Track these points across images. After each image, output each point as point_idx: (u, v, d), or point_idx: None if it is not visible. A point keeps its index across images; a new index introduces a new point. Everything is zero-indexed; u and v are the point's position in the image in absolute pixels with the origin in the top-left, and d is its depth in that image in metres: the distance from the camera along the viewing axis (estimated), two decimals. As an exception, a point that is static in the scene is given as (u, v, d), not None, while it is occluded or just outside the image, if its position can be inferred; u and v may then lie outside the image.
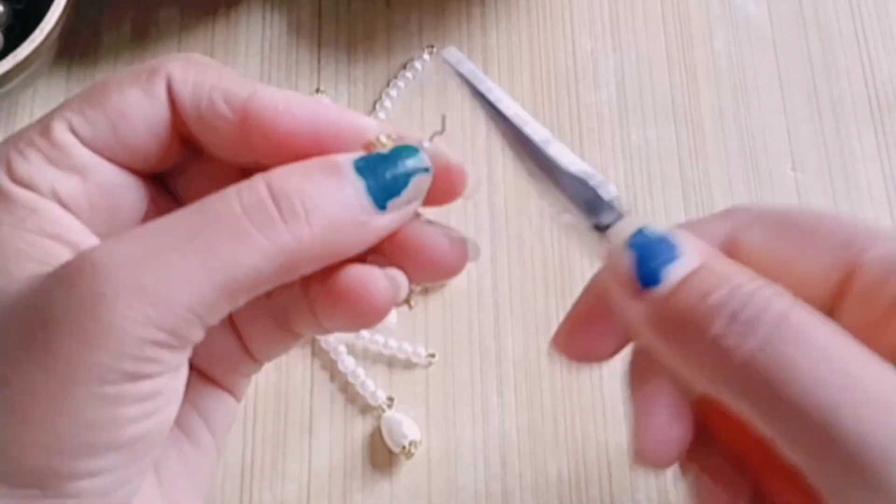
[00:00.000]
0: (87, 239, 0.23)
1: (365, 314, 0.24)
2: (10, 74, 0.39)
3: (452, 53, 0.25)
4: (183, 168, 0.26)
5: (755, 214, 0.24)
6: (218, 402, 0.27)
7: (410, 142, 0.24)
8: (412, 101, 0.46)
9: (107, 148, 0.24)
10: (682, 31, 0.48)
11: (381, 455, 0.40)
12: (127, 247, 0.21)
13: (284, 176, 0.22)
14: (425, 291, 0.42)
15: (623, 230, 0.22)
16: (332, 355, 0.41)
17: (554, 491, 0.39)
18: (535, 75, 0.47)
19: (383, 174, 0.23)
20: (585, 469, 0.40)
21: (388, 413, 0.40)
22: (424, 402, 0.41)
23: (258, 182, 0.22)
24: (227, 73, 0.24)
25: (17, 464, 0.21)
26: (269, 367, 0.41)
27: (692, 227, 0.24)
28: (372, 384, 0.40)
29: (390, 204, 0.23)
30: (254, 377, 0.40)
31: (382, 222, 0.23)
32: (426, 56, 0.47)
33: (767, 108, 0.46)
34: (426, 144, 0.24)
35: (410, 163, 0.24)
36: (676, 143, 0.45)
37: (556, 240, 0.43)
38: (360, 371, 0.40)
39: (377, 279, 0.24)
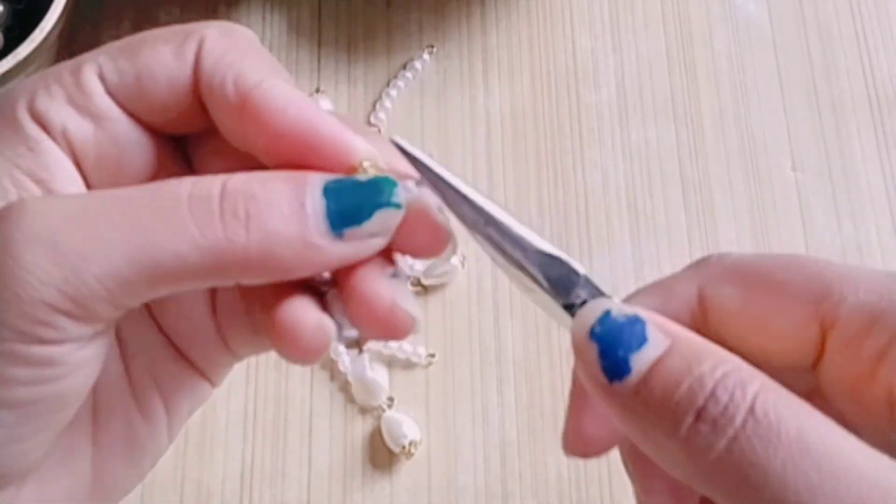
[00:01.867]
0: (73, 190, 0.23)
1: (294, 356, 0.23)
2: (10, 74, 0.39)
3: (401, 140, 0.24)
4: (204, 138, 0.25)
5: (724, 268, 0.23)
6: (185, 383, 0.26)
7: (395, 176, 0.23)
8: (412, 101, 0.46)
9: (128, 99, 0.24)
10: (682, 31, 0.48)
11: (381, 455, 0.40)
12: (64, 203, 0.21)
13: (245, 179, 0.22)
14: (425, 291, 0.42)
15: (587, 317, 0.21)
16: (332, 355, 0.41)
17: (554, 491, 0.39)
18: (535, 75, 0.47)
19: (349, 200, 0.22)
20: (585, 469, 0.40)
21: (388, 413, 0.40)
22: (424, 402, 0.41)
23: (216, 178, 0.22)
24: (255, 52, 0.24)
25: None
26: (269, 366, 0.41)
27: (662, 288, 0.23)
28: (372, 384, 0.40)
29: (348, 233, 0.22)
30: (254, 377, 0.40)
31: (336, 250, 0.22)
32: (426, 56, 0.47)
33: (767, 108, 0.46)
34: (411, 185, 0.23)
35: (382, 195, 0.22)
36: (676, 143, 0.45)
37: (555, 240, 0.43)
38: (360, 371, 0.40)
39: (306, 324, 0.23)
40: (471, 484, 0.39)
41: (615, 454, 0.28)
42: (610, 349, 0.20)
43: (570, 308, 0.23)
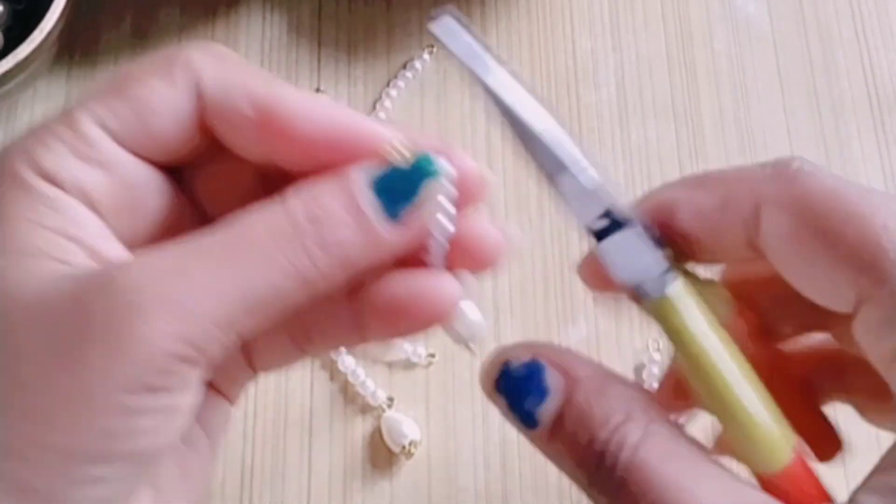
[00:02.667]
0: (108, 243, 0.23)
1: (434, 317, 0.24)
2: (9, 74, 0.39)
3: (444, 24, 0.24)
4: (200, 163, 0.26)
5: (790, 191, 0.22)
6: (214, 406, 0.27)
7: (427, 149, 0.24)
8: (412, 101, 0.46)
9: (133, 141, 0.24)
10: (682, 31, 0.48)
11: (381, 455, 0.40)
12: (161, 262, 0.22)
13: (302, 200, 0.22)
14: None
15: (490, 371, 0.23)
16: (332, 355, 0.41)
17: (554, 491, 0.39)
18: (535, 75, 0.47)
19: (397, 186, 0.23)
20: (585, 469, 0.40)
21: (388, 413, 0.40)
22: (424, 402, 0.41)
23: (275, 205, 0.22)
24: (248, 66, 0.24)
25: (32, 467, 0.21)
26: (269, 367, 0.41)
27: (723, 185, 0.23)
28: (372, 384, 0.40)
29: (404, 214, 0.23)
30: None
31: (400, 235, 0.23)
32: (426, 56, 0.47)
33: (767, 108, 0.46)
34: (443, 162, 0.24)
35: (424, 169, 0.23)
36: (676, 143, 0.45)
37: (556, 240, 0.43)
38: (360, 371, 0.40)
39: (445, 282, 0.24)
40: (471, 484, 0.39)
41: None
42: (515, 403, 0.22)
43: (595, 233, 0.24)
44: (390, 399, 0.40)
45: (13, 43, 0.40)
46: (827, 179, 0.22)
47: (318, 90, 0.46)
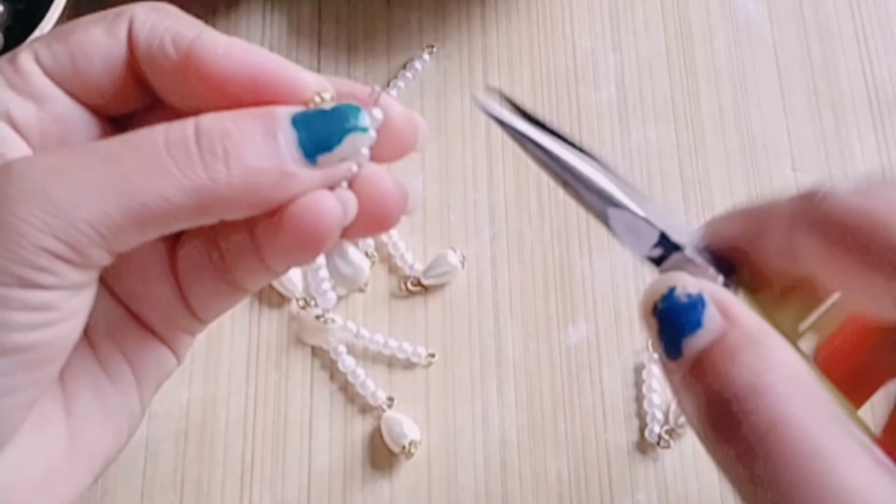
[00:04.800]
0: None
1: (312, 233, 0.23)
2: None
3: (488, 102, 0.25)
4: (143, 116, 0.26)
5: (818, 215, 0.22)
6: (150, 352, 0.27)
7: (355, 100, 0.24)
8: (412, 101, 0.46)
9: (65, 79, 0.25)
10: (682, 31, 0.48)
11: (381, 455, 0.40)
12: (46, 158, 0.22)
13: (215, 118, 0.23)
14: (425, 291, 0.42)
15: (653, 292, 0.22)
16: (332, 355, 0.41)
17: (554, 491, 0.39)
18: (535, 75, 0.47)
19: (319, 129, 0.23)
20: (585, 469, 0.40)
21: (388, 413, 0.40)
22: (424, 402, 0.41)
23: (188, 121, 0.23)
24: (187, 18, 0.25)
25: None
26: (269, 367, 0.41)
27: (757, 218, 0.24)
28: (372, 384, 0.40)
29: (321, 159, 0.23)
30: (254, 377, 0.40)
31: (312, 176, 0.23)
32: (426, 56, 0.47)
33: (767, 108, 0.46)
34: (375, 111, 0.24)
35: (348, 120, 0.23)
36: (676, 143, 0.45)
37: (556, 240, 0.43)
38: (360, 371, 0.40)
39: (325, 197, 0.24)
40: (471, 484, 0.39)
41: (615, 458, 0.28)
42: (667, 329, 0.22)
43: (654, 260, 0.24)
44: (390, 399, 0.40)
45: (13, 43, 0.40)
46: (851, 197, 0.22)
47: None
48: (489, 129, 0.45)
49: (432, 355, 0.41)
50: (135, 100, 0.26)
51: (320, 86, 0.24)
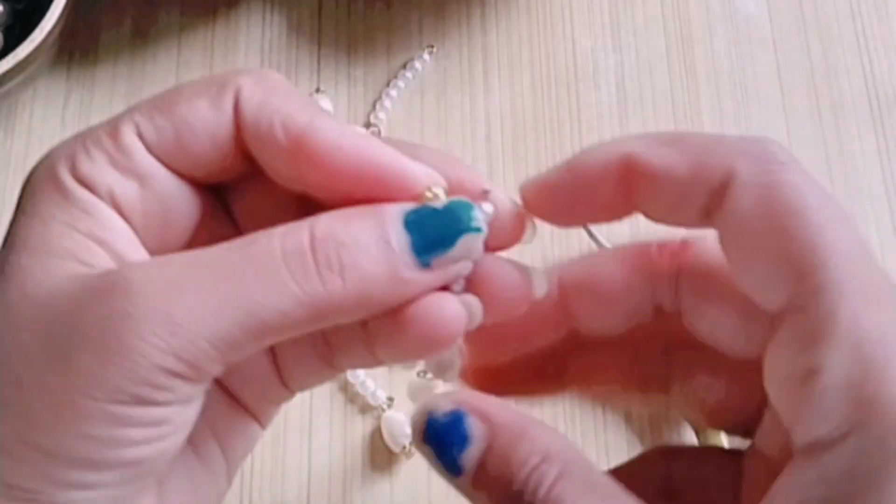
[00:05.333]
0: (134, 249, 0.24)
1: (435, 340, 0.23)
2: (10, 74, 0.39)
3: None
4: (242, 184, 0.26)
5: (757, 179, 0.22)
6: (239, 426, 0.27)
7: (465, 192, 0.23)
8: (412, 100, 0.46)
9: (169, 155, 0.24)
10: (682, 31, 0.48)
11: (381, 455, 0.40)
12: (163, 272, 0.21)
13: (328, 224, 0.22)
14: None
15: (417, 422, 0.23)
16: (332, 355, 0.41)
17: (554, 491, 0.39)
18: (535, 75, 0.47)
19: (431, 230, 0.22)
20: (585, 469, 0.40)
21: (388, 413, 0.40)
22: (424, 402, 0.41)
23: (302, 228, 0.22)
24: (294, 94, 0.24)
25: (17, 464, 0.21)
26: (269, 367, 0.41)
27: (698, 143, 0.24)
28: (372, 384, 0.40)
29: (435, 262, 0.22)
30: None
31: (426, 280, 0.23)
32: (426, 56, 0.47)
33: (767, 108, 0.46)
34: (485, 205, 0.23)
35: (462, 221, 0.23)
36: (676, 143, 0.45)
37: (555, 240, 0.43)
38: (360, 371, 0.40)
39: (448, 302, 0.23)
40: (471, 484, 0.39)
41: (615, 458, 0.28)
42: (441, 452, 0.23)
43: None
44: (390, 399, 0.40)
45: (13, 43, 0.40)
46: (798, 175, 0.22)
47: (318, 90, 0.46)
48: (489, 129, 0.45)
49: (432, 355, 0.41)
50: (235, 171, 0.25)
51: (432, 179, 0.23)
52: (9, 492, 0.21)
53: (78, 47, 0.47)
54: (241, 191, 0.26)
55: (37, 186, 0.23)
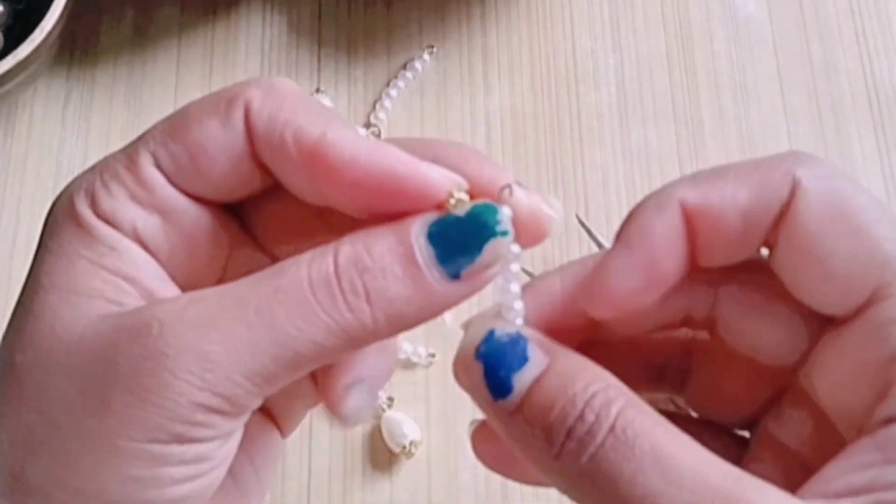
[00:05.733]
0: (162, 284, 0.23)
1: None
2: (10, 74, 0.39)
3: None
4: (261, 199, 0.25)
5: (823, 184, 0.22)
6: (265, 438, 0.27)
7: (488, 196, 0.23)
8: (412, 101, 0.46)
9: (188, 183, 0.23)
10: (682, 31, 0.48)
11: (381, 455, 0.40)
12: (194, 309, 0.21)
13: (351, 250, 0.22)
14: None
15: (472, 337, 0.23)
16: (332, 355, 0.41)
17: (554, 491, 0.39)
18: (535, 75, 0.47)
19: (456, 240, 0.22)
20: (585, 469, 0.40)
21: (388, 413, 0.40)
22: (424, 402, 0.41)
23: (327, 255, 0.22)
24: (305, 104, 0.23)
25: None
26: (269, 367, 0.41)
27: (753, 168, 0.23)
28: (372, 384, 0.40)
29: (464, 273, 0.22)
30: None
31: (457, 291, 0.22)
32: (426, 56, 0.47)
33: (767, 108, 0.46)
34: (506, 198, 0.23)
35: (487, 226, 0.22)
36: (676, 143, 0.45)
37: (556, 239, 0.43)
38: (360, 371, 0.40)
39: (345, 402, 0.24)
40: (471, 484, 0.39)
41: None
42: (493, 369, 0.22)
43: None
44: (390, 399, 0.40)
45: (13, 43, 0.40)
46: (847, 180, 0.22)
47: (318, 90, 0.46)
48: (489, 129, 0.45)
49: (432, 355, 0.41)
50: (258, 186, 0.24)
51: (453, 183, 0.22)
52: None
53: (78, 47, 0.47)
54: (261, 204, 0.25)
55: (58, 223, 0.23)
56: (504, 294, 0.23)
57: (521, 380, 0.21)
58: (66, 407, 0.21)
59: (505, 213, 0.22)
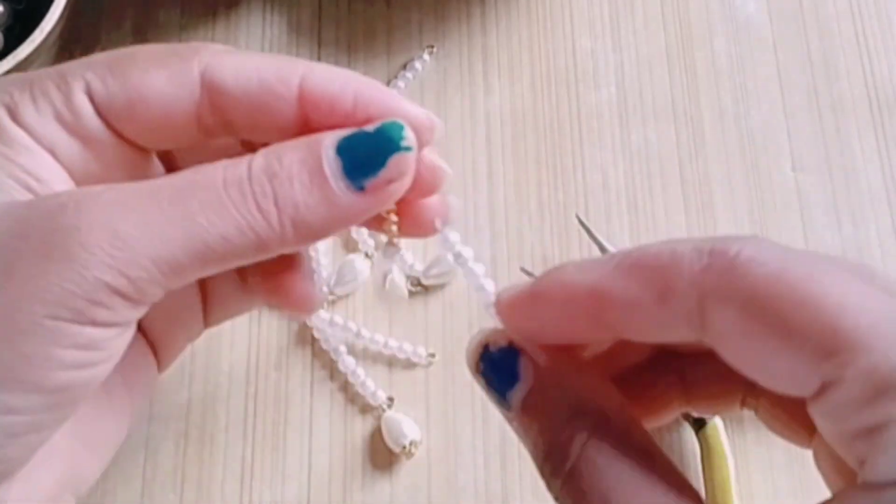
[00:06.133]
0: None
1: (290, 315, 0.24)
2: (10, 74, 0.39)
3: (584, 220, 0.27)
4: (187, 152, 0.26)
5: (732, 282, 0.20)
6: (144, 365, 0.27)
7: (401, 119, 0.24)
8: (412, 100, 0.46)
9: (117, 121, 0.24)
10: (682, 31, 0.48)
11: (381, 455, 0.40)
12: (112, 194, 0.22)
13: (265, 156, 0.23)
14: (425, 291, 0.42)
15: (471, 354, 0.23)
16: (332, 355, 0.41)
17: (554, 491, 0.39)
18: (535, 75, 0.47)
19: (363, 153, 0.23)
20: (585, 469, 0.40)
21: (388, 413, 0.40)
22: (424, 402, 0.41)
23: (242, 160, 0.22)
24: (266, 54, 0.25)
25: None
26: (269, 366, 0.41)
27: (662, 274, 0.21)
28: (372, 384, 0.40)
29: (368, 185, 0.23)
30: (254, 377, 0.40)
31: (362, 204, 0.23)
32: (426, 56, 0.47)
33: (767, 108, 0.46)
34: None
35: (392, 140, 0.23)
36: (676, 143, 0.45)
37: (555, 240, 0.43)
38: (360, 371, 0.40)
39: (300, 293, 0.25)
40: (471, 484, 0.39)
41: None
42: (492, 386, 0.23)
43: None
44: (390, 399, 0.40)
45: (13, 43, 0.40)
46: (770, 263, 0.20)
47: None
48: (489, 129, 0.45)
49: (432, 355, 0.41)
50: (182, 140, 0.25)
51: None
52: None
53: (78, 47, 0.47)
54: (187, 158, 0.26)
55: None
56: (472, 279, 0.24)
57: (514, 398, 0.22)
58: None
59: (409, 130, 0.23)
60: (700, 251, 0.20)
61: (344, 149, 0.23)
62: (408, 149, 0.23)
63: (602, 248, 0.42)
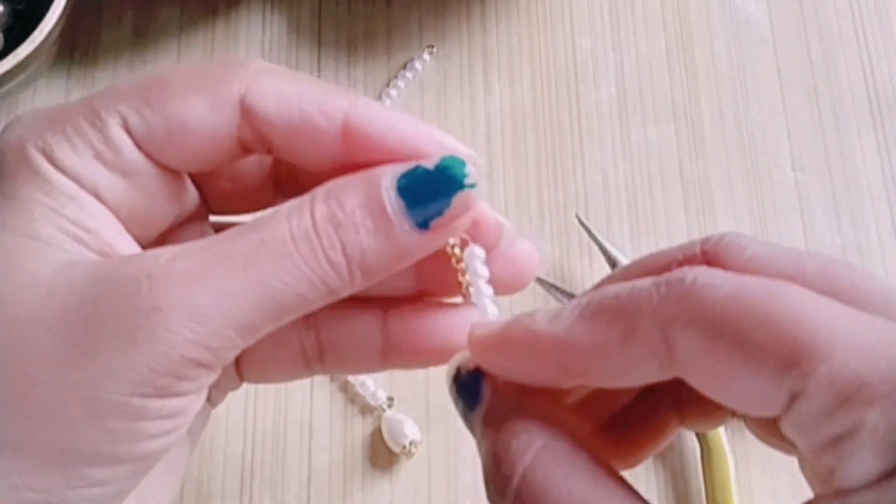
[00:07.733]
0: (121, 238, 0.23)
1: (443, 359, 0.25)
2: (10, 74, 0.39)
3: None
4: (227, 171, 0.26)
5: (691, 307, 0.19)
6: (203, 410, 0.27)
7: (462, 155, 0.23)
8: (412, 101, 0.46)
9: (158, 152, 0.23)
10: (682, 31, 0.48)
11: (381, 455, 0.40)
12: (182, 264, 0.21)
13: (327, 203, 0.22)
14: (425, 291, 0.42)
15: (450, 373, 0.24)
16: (332, 355, 0.41)
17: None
18: (535, 75, 0.47)
19: (425, 191, 0.22)
20: (585, 469, 0.40)
21: (388, 413, 0.40)
22: (424, 402, 0.41)
23: (304, 209, 0.22)
24: (305, 77, 0.24)
25: (28, 463, 0.21)
26: (269, 367, 0.41)
27: (623, 313, 0.20)
28: (372, 384, 0.40)
29: (433, 224, 0.22)
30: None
31: (426, 241, 0.23)
32: (426, 56, 0.47)
33: (767, 108, 0.46)
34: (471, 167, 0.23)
35: (455, 178, 0.22)
36: (676, 143, 0.45)
37: (555, 240, 0.43)
38: (360, 371, 0.40)
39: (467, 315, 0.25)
40: (471, 484, 0.39)
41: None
42: (463, 406, 0.24)
43: None
44: (390, 399, 0.40)
45: (13, 43, 0.40)
46: (725, 285, 0.19)
47: (318, 90, 0.46)
48: (489, 129, 0.45)
49: (432, 355, 0.41)
50: (224, 161, 0.25)
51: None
52: (17, 493, 0.21)
53: (78, 47, 0.47)
54: (227, 176, 0.26)
55: (10, 166, 0.22)
56: (477, 297, 0.25)
57: (476, 420, 0.23)
58: (41, 360, 0.21)
59: (471, 166, 0.23)
60: (658, 283, 0.20)
61: (405, 188, 0.22)
62: (472, 186, 0.23)
63: (602, 248, 0.42)
